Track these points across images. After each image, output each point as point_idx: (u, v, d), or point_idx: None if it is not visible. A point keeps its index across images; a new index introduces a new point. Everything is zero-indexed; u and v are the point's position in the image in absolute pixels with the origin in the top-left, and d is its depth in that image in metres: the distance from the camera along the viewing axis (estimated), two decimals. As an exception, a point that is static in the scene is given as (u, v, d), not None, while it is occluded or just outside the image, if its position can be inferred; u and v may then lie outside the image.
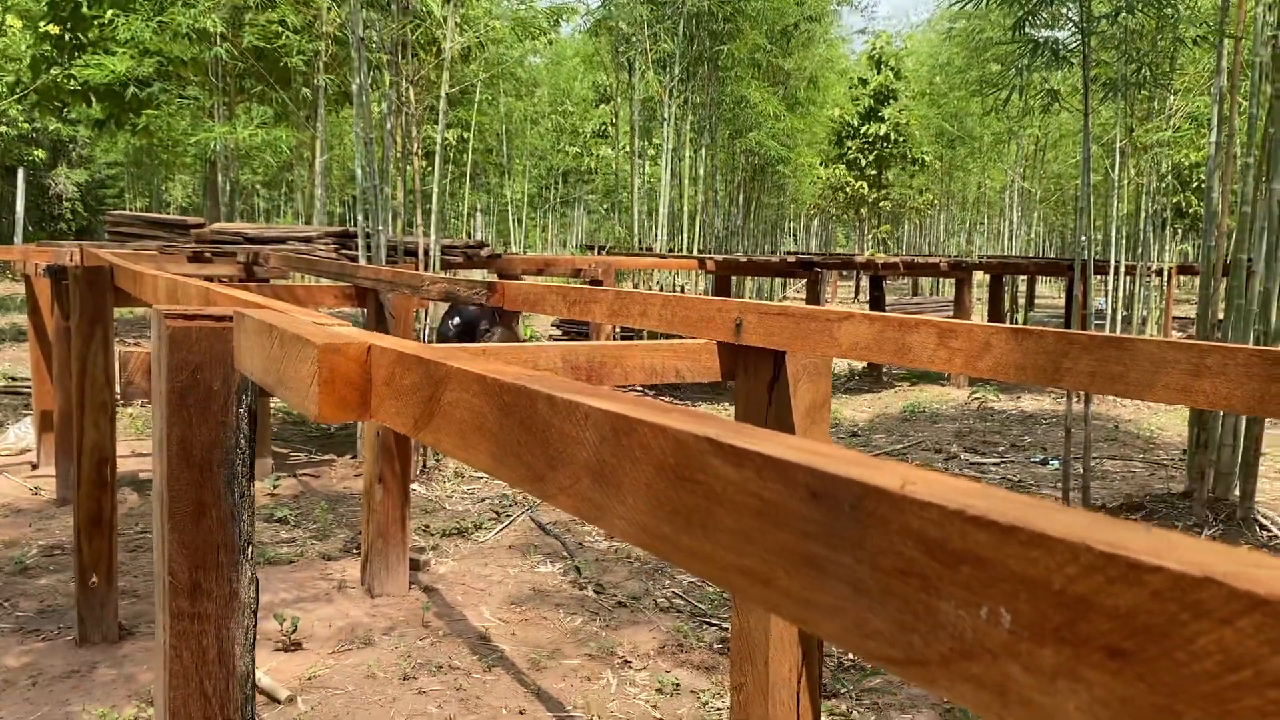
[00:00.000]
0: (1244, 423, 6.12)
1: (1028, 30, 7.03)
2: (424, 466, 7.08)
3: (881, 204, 27.39)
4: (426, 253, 7.38)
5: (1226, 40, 6.29)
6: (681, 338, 2.34)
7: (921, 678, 0.46)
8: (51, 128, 24.97)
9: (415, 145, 7.87)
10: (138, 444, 7.70)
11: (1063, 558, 0.39)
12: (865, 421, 9.80)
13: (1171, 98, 11.01)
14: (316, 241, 7.22)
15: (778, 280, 21.90)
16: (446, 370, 0.94)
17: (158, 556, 1.67)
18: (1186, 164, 14.26)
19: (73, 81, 14.22)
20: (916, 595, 0.46)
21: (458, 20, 8.26)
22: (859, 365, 13.11)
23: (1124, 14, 6.49)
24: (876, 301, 13.75)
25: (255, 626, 1.70)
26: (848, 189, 26.44)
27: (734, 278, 15.03)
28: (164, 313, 1.60)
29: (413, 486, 6.30)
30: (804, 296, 17.55)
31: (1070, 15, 6.75)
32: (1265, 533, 5.92)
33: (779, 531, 0.54)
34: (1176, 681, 0.35)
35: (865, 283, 28.48)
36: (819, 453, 0.53)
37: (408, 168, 8.28)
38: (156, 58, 12.54)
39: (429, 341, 7.51)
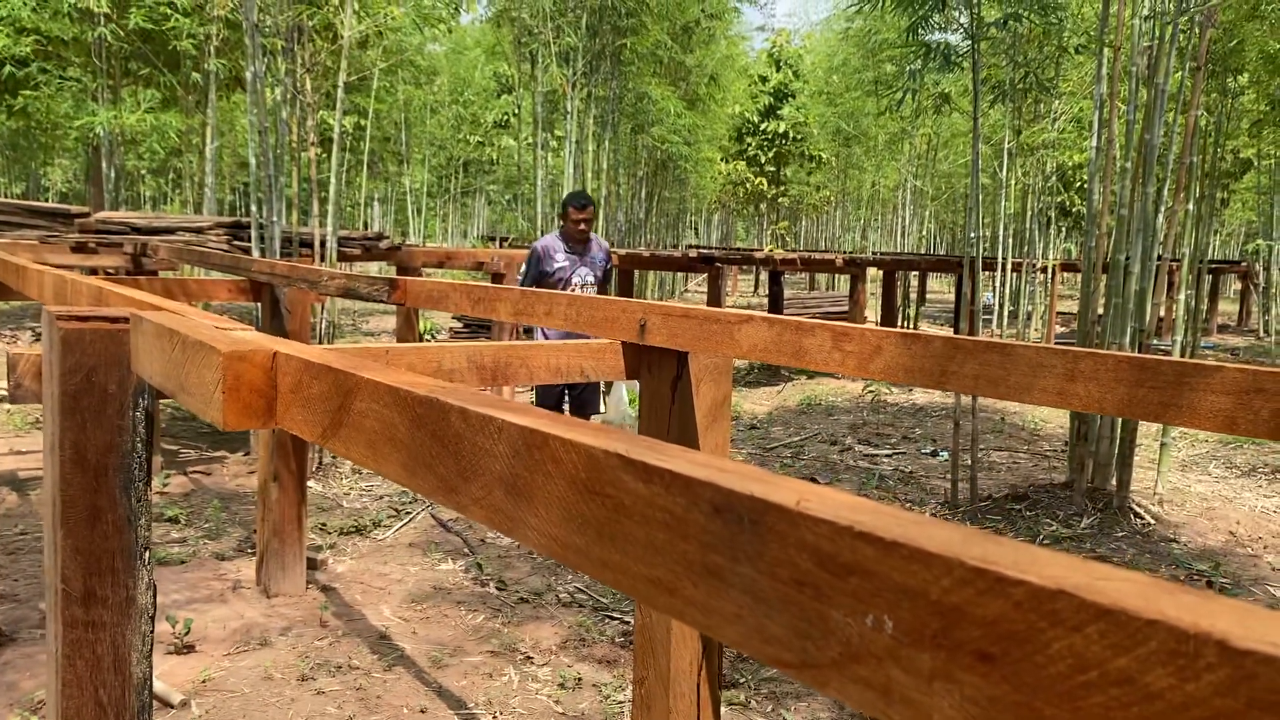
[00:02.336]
0: (1121, 418, 6.43)
1: (921, 34, 7.24)
2: (320, 463, 6.96)
3: (780, 200, 27.84)
4: (323, 244, 7.24)
5: (1106, 49, 6.58)
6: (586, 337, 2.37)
7: (814, 680, 0.50)
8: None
9: (310, 134, 7.71)
10: (17, 441, 7.38)
11: (939, 571, 0.43)
12: (764, 414, 9.98)
13: (1056, 101, 11.46)
14: (208, 232, 7.01)
15: (679, 274, 22.08)
16: (356, 380, 0.95)
17: (49, 564, 1.62)
18: (1070, 165, 14.86)
19: (-59, 59, 13.51)
20: (810, 604, 0.50)
21: (355, 6, 8.11)
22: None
23: (1012, 21, 6.74)
24: (775, 297, 13.97)
25: (153, 633, 1.67)
26: (747, 184, 26.79)
27: (637, 271, 15.12)
28: (55, 314, 1.56)
29: (308, 484, 6.19)
30: (705, 290, 17.73)
31: (962, 21, 6.98)
32: (1139, 520, 6.24)
33: (684, 544, 0.57)
34: (1036, 682, 0.40)
35: (765, 277, 28.94)
36: (722, 469, 0.57)
37: (303, 155, 8.10)
38: (35, 36, 11.98)
39: (331, 337, 7.37)
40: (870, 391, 10.65)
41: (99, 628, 1.61)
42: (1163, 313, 12.14)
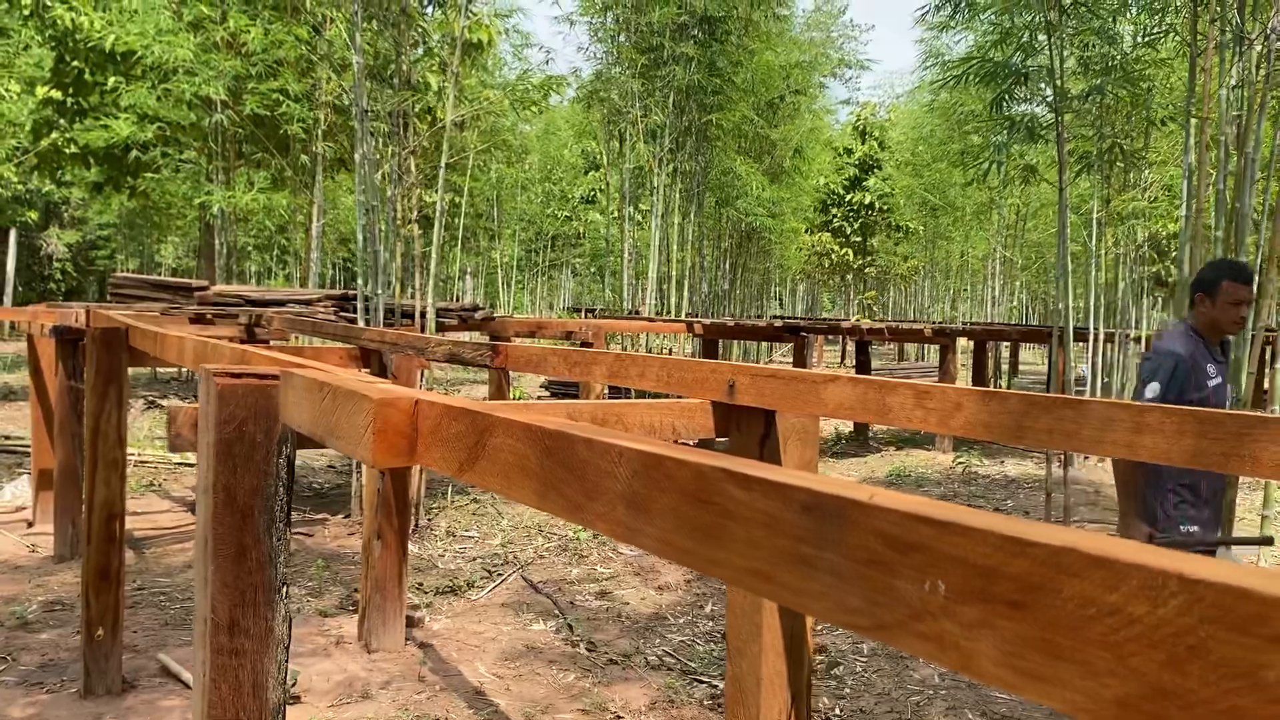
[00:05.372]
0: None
1: (1005, 107, 7.35)
2: (416, 525, 7.18)
3: (866, 270, 27.83)
4: (423, 315, 7.56)
5: (1194, 119, 6.60)
6: (677, 397, 2.51)
7: (884, 638, 0.62)
8: (45, 189, 25.21)
9: (413, 213, 8.10)
10: (133, 503, 7.77)
11: (979, 541, 0.56)
12: (851, 484, 9.93)
13: (1147, 170, 11.39)
14: (316, 304, 7.40)
15: (764, 344, 22.19)
16: (492, 420, 1.11)
17: (200, 596, 1.81)
18: (1165, 234, 14.63)
19: (73, 145, 14.51)
20: (881, 577, 0.62)
21: (455, 92, 8.55)
22: (846, 429, 13.28)
23: (1094, 95, 6.81)
24: (862, 366, 13.98)
25: (287, 662, 1.84)
26: (833, 255, 26.89)
27: (721, 341, 15.27)
28: (213, 371, 1.76)
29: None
30: (790, 360, 17.77)
31: (1046, 94, 7.07)
32: (1241, 594, 6.06)
33: (778, 538, 0.71)
34: (1052, 619, 0.52)
35: (851, 347, 28.84)
36: (807, 477, 0.70)
37: (403, 231, 8.51)
38: (157, 123, 12.82)
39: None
40: (960, 463, 10.53)
41: (241, 655, 1.78)
42: (1266, 385, 11.76)
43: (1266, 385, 10.97)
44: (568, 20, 13.32)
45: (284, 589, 1.82)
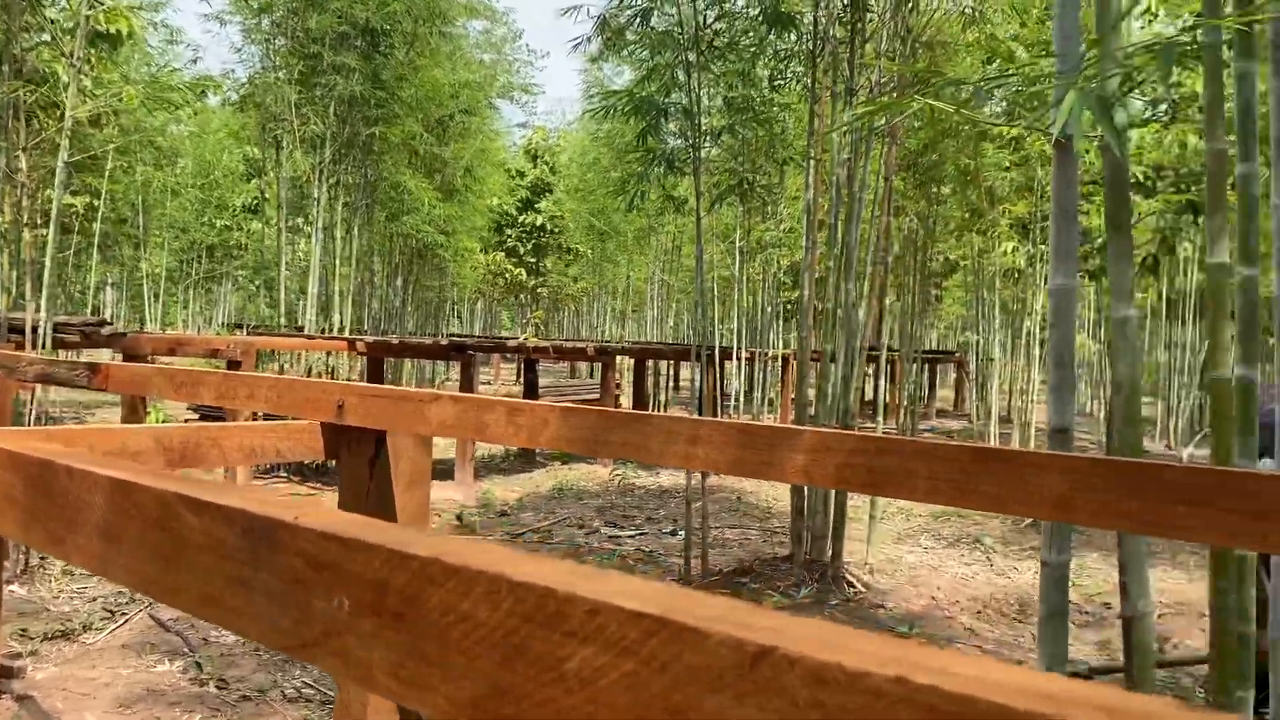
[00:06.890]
0: (833, 492, 6.99)
1: (652, 139, 7.77)
2: (26, 565, 6.42)
3: (539, 290, 28.37)
4: (35, 330, 6.80)
5: (813, 160, 7.31)
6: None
7: (307, 656, 0.63)
8: None
9: (25, 214, 7.28)
10: None
11: (373, 556, 0.58)
12: (515, 500, 10.06)
13: (782, 204, 12.48)
14: (-101, 316, 6.44)
15: (440, 364, 21.97)
16: (-18, 447, 1.01)
17: None
18: (800, 263, 16.08)
19: None
20: (304, 596, 0.63)
21: (82, 86, 7.79)
22: (513, 447, 13.42)
23: (727, 134, 7.37)
24: (530, 385, 14.20)
25: None
26: (507, 275, 27.18)
27: (394, 360, 14.94)
28: None
29: (10, 588, 5.74)
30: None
31: (685, 131, 7.56)
32: (852, 589, 6.75)
33: (226, 563, 0.69)
34: (422, 628, 0.55)
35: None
36: (250, 499, 0.70)
37: (22, 236, 7.62)
38: None
39: (61, 422, 6.84)
40: (618, 475, 10.96)
41: None
42: (888, 399, 13.26)
43: (889, 399, 12.33)
44: (218, 19, 12.54)
45: None
